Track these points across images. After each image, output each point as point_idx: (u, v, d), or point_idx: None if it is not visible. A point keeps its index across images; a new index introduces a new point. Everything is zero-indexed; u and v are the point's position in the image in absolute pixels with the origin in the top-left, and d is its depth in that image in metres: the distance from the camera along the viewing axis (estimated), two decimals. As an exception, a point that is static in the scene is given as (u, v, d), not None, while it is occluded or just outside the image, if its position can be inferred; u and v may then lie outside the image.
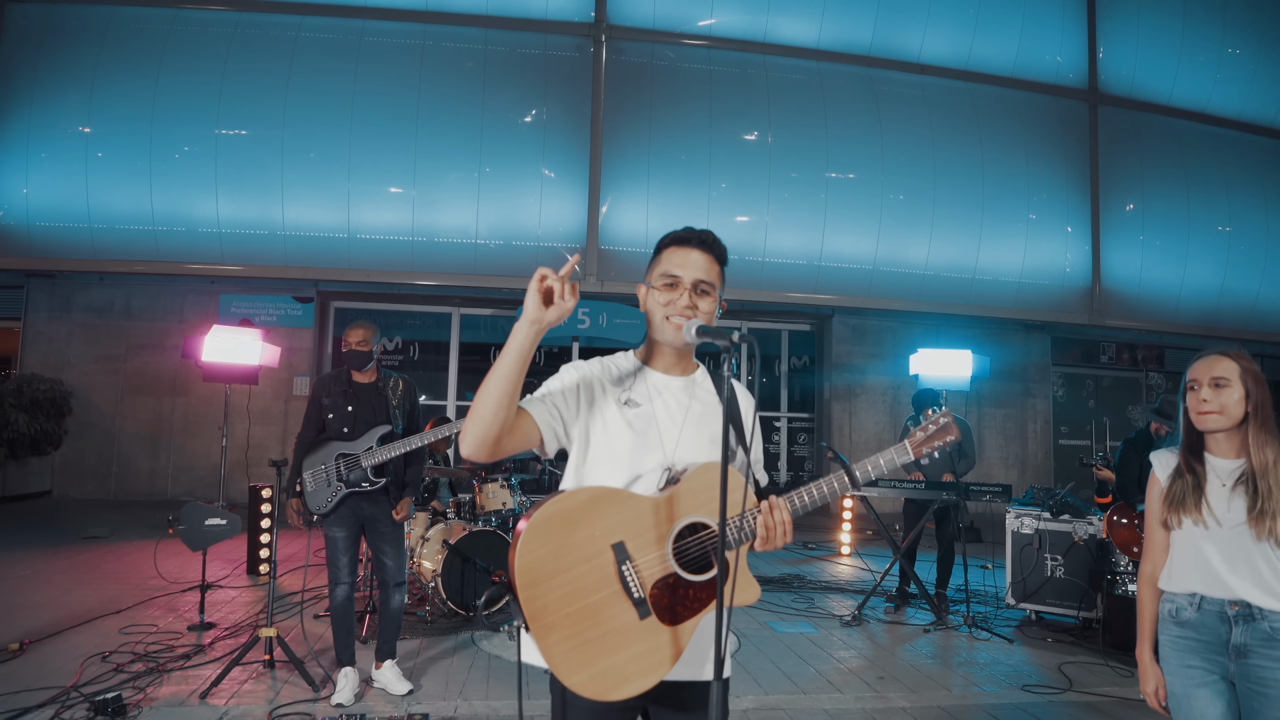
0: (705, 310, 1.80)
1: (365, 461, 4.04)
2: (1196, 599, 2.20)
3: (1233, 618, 2.14)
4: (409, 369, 11.95)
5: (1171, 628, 2.26)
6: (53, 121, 10.34)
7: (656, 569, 1.65)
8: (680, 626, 1.64)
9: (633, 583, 1.63)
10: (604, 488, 1.70)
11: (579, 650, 1.58)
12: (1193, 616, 2.20)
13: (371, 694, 4.13)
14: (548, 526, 1.61)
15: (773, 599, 6.50)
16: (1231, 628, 2.14)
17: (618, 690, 1.59)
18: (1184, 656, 2.21)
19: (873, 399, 12.41)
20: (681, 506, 1.69)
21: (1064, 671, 4.93)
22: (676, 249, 1.84)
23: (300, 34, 10.75)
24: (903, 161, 11.74)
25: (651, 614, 1.63)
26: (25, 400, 9.85)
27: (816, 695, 4.40)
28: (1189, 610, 2.21)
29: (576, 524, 1.63)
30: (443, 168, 10.77)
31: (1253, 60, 13.57)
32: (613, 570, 1.63)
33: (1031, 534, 6.01)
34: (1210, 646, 2.17)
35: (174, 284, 10.97)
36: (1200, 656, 2.18)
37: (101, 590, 6.07)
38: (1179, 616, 2.23)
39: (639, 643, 1.61)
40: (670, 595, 1.65)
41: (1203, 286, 13.10)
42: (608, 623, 1.61)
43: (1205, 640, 2.18)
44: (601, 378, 1.83)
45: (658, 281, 1.82)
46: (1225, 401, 2.21)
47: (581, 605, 1.60)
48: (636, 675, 1.60)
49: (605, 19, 11.25)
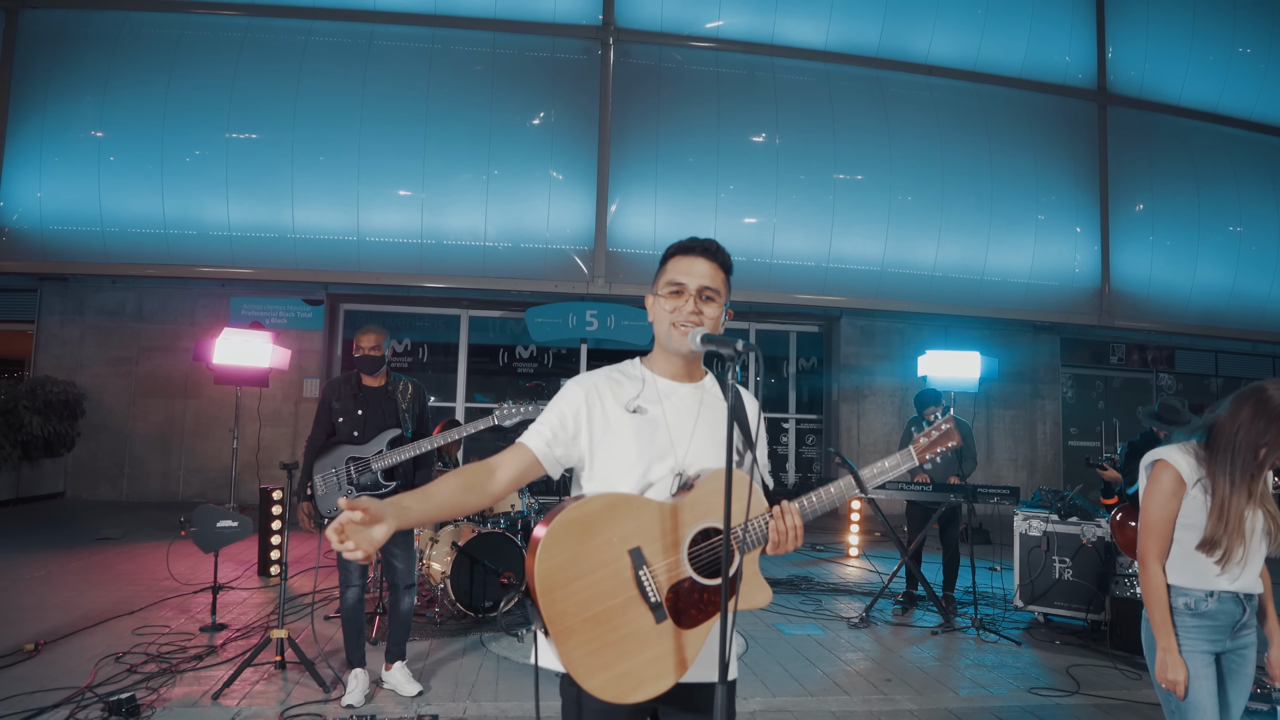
0: (711, 316, 1.83)
1: (375, 465, 4.08)
2: (1216, 593, 2.39)
3: (1244, 600, 2.42)
4: (418, 371, 12.00)
5: (1186, 619, 2.41)
6: (66, 126, 10.44)
7: (672, 573, 1.69)
8: (695, 630, 1.68)
9: (650, 587, 1.66)
10: (620, 494, 1.73)
11: (597, 654, 1.62)
12: (1212, 606, 2.39)
13: (381, 695, 4.17)
14: (565, 533, 1.65)
15: (780, 601, 6.51)
16: (1244, 609, 2.41)
17: (636, 693, 1.62)
18: (1197, 644, 2.39)
19: (881, 401, 12.39)
20: (696, 512, 1.72)
21: (1072, 674, 4.92)
22: (681, 258, 1.88)
23: (310, 38, 10.82)
24: (911, 163, 11.73)
25: (668, 618, 1.66)
26: (39, 402, 9.94)
27: (824, 697, 4.41)
28: (1208, 602, 2.39)
29: (594, 530, 1.66)
30: (451, 170, 10.82)
31: (1263, 59, 13.50)
32: (630, 575, 1.66)
33: (1040, 536, 6.00)
34: (1222, 629, 2.41)
35: (185, 287, 11.05)
36: (1209, 641, 2.40)
37: (115, 591, 6.12)
38: (1196, 609, 2.40)
39: (656, 646, 1.65)
40: (685, 599, 1.68)
41: (1213, 287, 13.03)
42: (625, 626, 1.64)
43: (1220, 625, 2.40)
44: (606, 388, 1.86)
45: (663, 290, 1.86)
46: None
47: (599, 610, 1.63)
48: (654, 678, 1.63)
49: (613, 21, 11.28)
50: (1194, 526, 2.40)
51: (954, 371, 9.59)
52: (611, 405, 1.84)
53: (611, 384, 1.88)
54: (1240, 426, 2.35)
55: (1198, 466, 2.40)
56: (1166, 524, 2.43)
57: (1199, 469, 2.40)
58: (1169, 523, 2.43)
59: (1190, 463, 2.41)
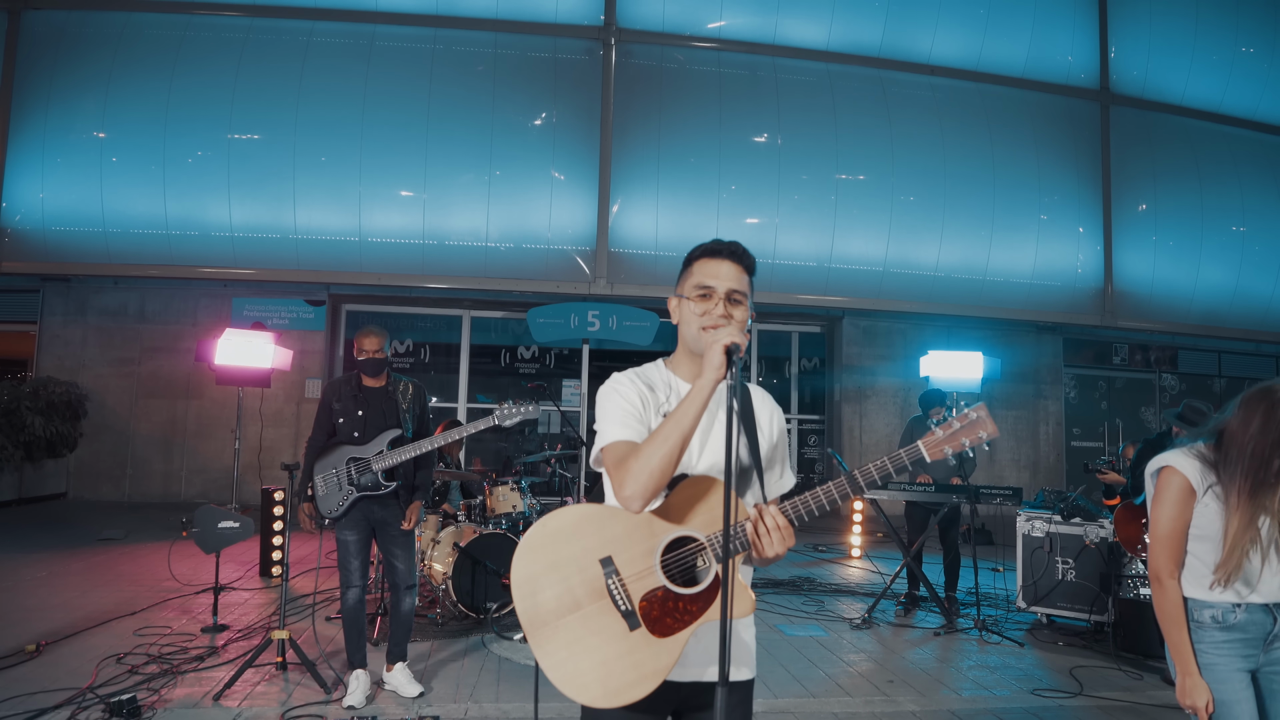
0: (739, 319, 1.84)
1: (376, 465, 4.07)
2: (1243, 604, 2.21)
3: (1274, 610, 2.20)
4: (420, 371, 12.00)
5: (1215, 633, 2.22)
6: (68, 127, 10.46)
7: (645, 582, 1.70)
8: (672, 638, 1.68)
9: (619, 595, 1.69)
10: (594, 505, 1.77)
11: (571, 660, 1.67)
12: (1241, 618, 2.20)
13: (383, 696, 4.16)
14: (540, 542, 1.72)
15: (783, 602, 6.50)
16: (1276, 620, 2.20)
17: (611, 699, 1.65)
18: (1233, 660, 2.21)
19: (883, 401, 12.38)
20: (668, 520, 1.72)
21: (1075, 675, 4.91)
22: (708, 260, 1.88)
23: (312, 39, 10.83)
24: (913, 163, 11.72)
25: (641, 625, 1.68)
26: (41, 403, 9.96)
27: (826, 698, 4.40)
28: (1236, 614, 2.20)
29: (568, 540, 1.72)
30: (453, 171, 10.82)
31: (1266, 59, 13.48)
32: (601, 584, 1.70)
33: (1042, 537, 5.98)
34: (1253, 643, 2.21)
35: (187, 287, 11.06)
36: (1244, 658, 2.21)
37: (116, 592, 6.13)
38: (1225, 621, 2.21)
39: (630, 653, 1.67)
40: (660, 608, 1.69)
41: (1216, 287, 13.01)
42: (599, 633, 1.68)
43: (1251, 638, 2.21)
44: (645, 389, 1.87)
45: (691, 293, 1.86)
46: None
47: (572, 616, 1.69)
48: (630, 684, 1.65)
49: (614, 22, 11.28)
50: (1209, 537, 2.22)
51: (956, 372, 9.59)
52: (650, 405, 1.85)
53: (647, 384, 1.88)
54: (1253, 436, 2.17)
55: (1206, 471, 2.23)
56: (1178, 536, 2.25)
57: (1208, 474, 2.23)
58: (1181, 534, 2.25)
59: (1197, 467, 2.24)
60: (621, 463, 1.70)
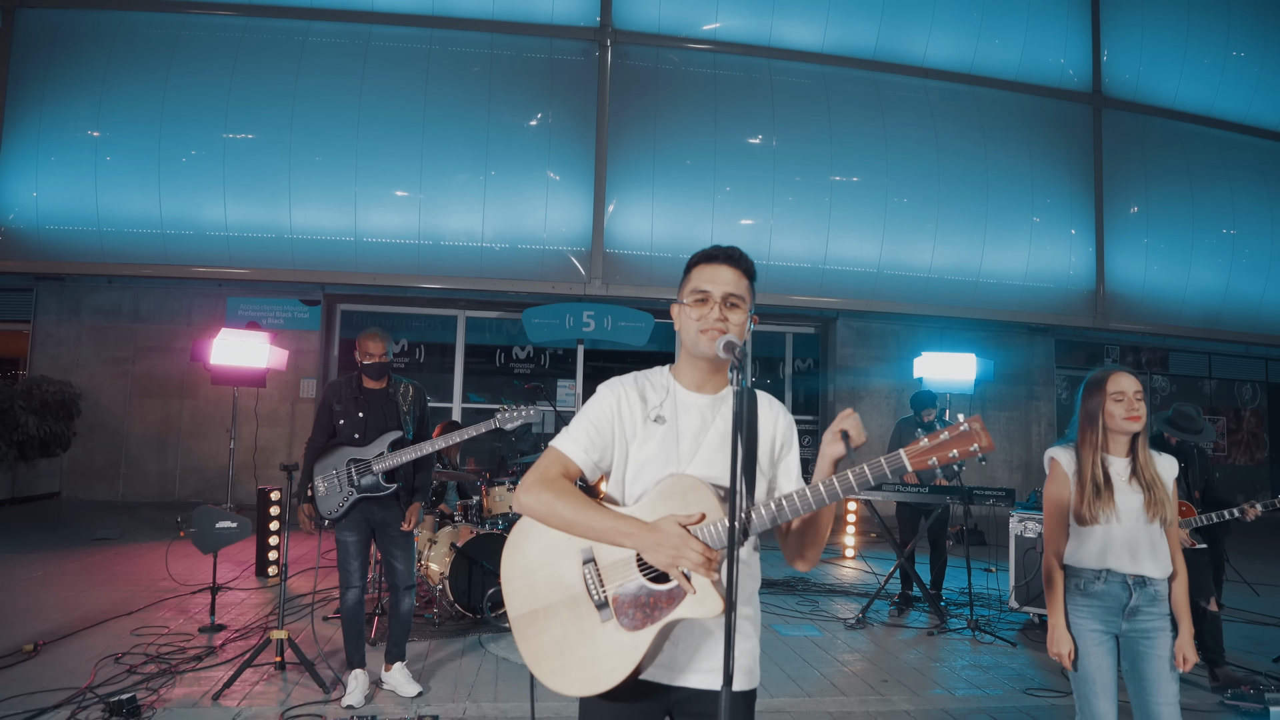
0: (736, 323, 1.86)
1: (376, 467, 4.09)
2: (1104, 573, 2.69)
3: (1132, 585, 2.67)
4: (415, 371, 12.01)
5: (1078, 598, 2.74)
6: (62, 125, 10.42)
7: (622, 576, 1.76)
8: (643, 631, 1.72)
9: (594, 588, 1.76)
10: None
11: (547, 647, 1.77)
12: (1101, 587, 2.69)
13: (381, 696, 4.19)
14: (524, 536, 1.86)
15: (777, 602, 6.54)
16: (1131, 593, 2.67)
17: (585, 686, 1.73)
18: (1088, 621, 2.71)
19: (877, 402, 12.43)
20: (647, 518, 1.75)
21: (1067, 675, 4.94)
22: (705, 266, 1.91)
23: (308, 39, 10.82)
24: (907, 165, 11.77)
25: (614, 617, 1.74)
26: (34, 402, 9.93)
27: (820, 698, 4.44)
28: (1097, 583, 2.70)
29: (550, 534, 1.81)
30: (449, 171, 10.82)
31: (1257, 63, 13.58)
32: (579, 576, 1.78)
33: (1035, 538, 6.03)
34: (1110, 610, 2.69)
35: (182, 287, 11.04)
36: (1100, 620, 2.70)
37: (113, 592, 6.13)
38: (1087, 589, 2.71)
39: (603, 644, 1.74)
40: (633, 602, 1.74)
41: (1207, 289, 13.11)
42: (574, 623, 1.76)
43: (1107, 605, 2.69)
44: (635, 395, 1.90)
45: (689, 298, 1.89)
46: (1144, 412, 2.72)
47: (547, 605, 1.79)
48: (603, 674, 1.73)
49: (610, 23, 11.31)
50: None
51: (949, 373, 9.63)
52: (639, 412, 1.88)
53: (640, 391, 1.91)
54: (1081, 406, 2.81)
55: (1074, 458, 2.78)
56: (1056, 511, 2.79)
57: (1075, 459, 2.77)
58: (1060, 510, 2.78)
59: (1069, 455, 2.80)
60: (544, 475, 1.81)
